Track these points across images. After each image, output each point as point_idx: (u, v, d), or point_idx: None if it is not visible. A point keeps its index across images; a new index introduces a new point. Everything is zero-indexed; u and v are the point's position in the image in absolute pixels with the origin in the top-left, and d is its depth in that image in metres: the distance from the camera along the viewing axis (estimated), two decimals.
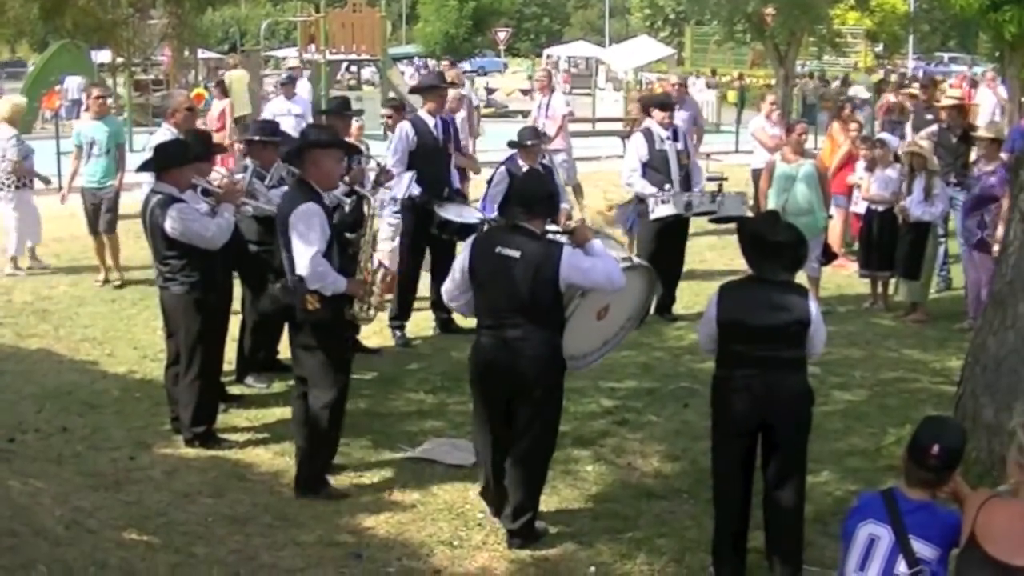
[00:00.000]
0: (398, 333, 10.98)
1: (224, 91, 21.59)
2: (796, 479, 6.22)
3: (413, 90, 12.63)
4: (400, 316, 11.03)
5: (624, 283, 6.58)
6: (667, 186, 11.47)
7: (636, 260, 7.32)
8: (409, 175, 10.70)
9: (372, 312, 8.04)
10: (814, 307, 6.20)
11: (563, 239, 6.72)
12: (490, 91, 45.20)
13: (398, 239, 11.36)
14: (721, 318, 6.23)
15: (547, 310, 6.43)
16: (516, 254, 6.39)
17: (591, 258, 6.49)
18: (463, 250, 6.77)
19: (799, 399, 6.17)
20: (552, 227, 6.85)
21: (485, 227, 9.77)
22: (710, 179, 11.69)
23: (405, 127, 10.95)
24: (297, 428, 7.54)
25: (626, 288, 6.76)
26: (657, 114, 11.87)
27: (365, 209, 8.31)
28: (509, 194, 6.97)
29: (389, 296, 10.68)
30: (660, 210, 11.48)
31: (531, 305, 6.38)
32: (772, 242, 6.19)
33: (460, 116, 16.31)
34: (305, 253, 7.06)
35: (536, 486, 6.73)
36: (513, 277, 6.37)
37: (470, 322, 7.32)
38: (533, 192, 6.72)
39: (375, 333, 11.09)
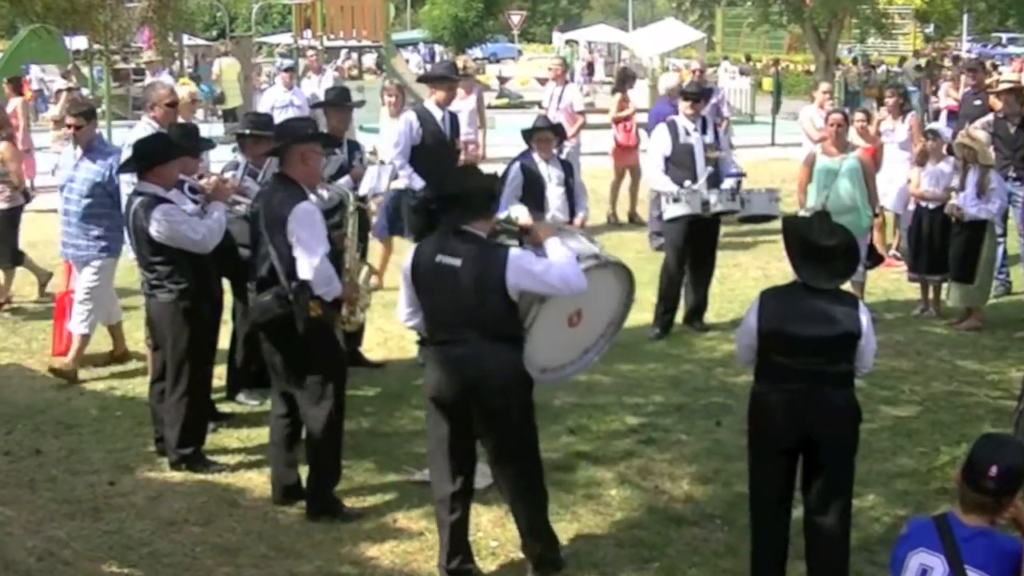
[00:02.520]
0: (422, 352, 10.91)
1: (17, 88, 19.97)
2: (840, 503, 6.21)
3: (422, 79, 12.67)
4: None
5: (583, 285, 6.42)
6: (687, 182, 11.42)
7: (605, 257, 7.13)
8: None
9: (361, 316, 8.13)
10: (865, 318, 6.18)
11: (513, 240, 6.64)
12: (503, 80, 45.18)
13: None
14: (762, 327, 6.21)
15: (499, 321, 6.33)
16: (456, 262, 6.31)
17: (543, 260, 6.39)
18: (404, 261, 6.67)
19: (845, 416, 6.16)
20: (514, 212, 6.76)
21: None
22: (728, 175, 11.62)
23: (410, 118, 10.99)
24: (276, 451, 7.66)
25: (597, 290, 6.70)
26: (682, 105, 11.87)
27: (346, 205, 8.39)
28: (440, 195, 6.78)
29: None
30: (672, 209, 11.47)
31: (480, 317, 6.29)
32: (822, 247, 6.16)
33: (468, 106, 16.34)
34: (311, 256, 7.12)
35: (536, 514, 6.65)
36: (457, 288, 6.29)
37: None
38: (468, 188, 6.58)
39: (378, 345, 11.12)
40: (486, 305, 6.27)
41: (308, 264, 7.14)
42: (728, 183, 11.49)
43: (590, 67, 47.40)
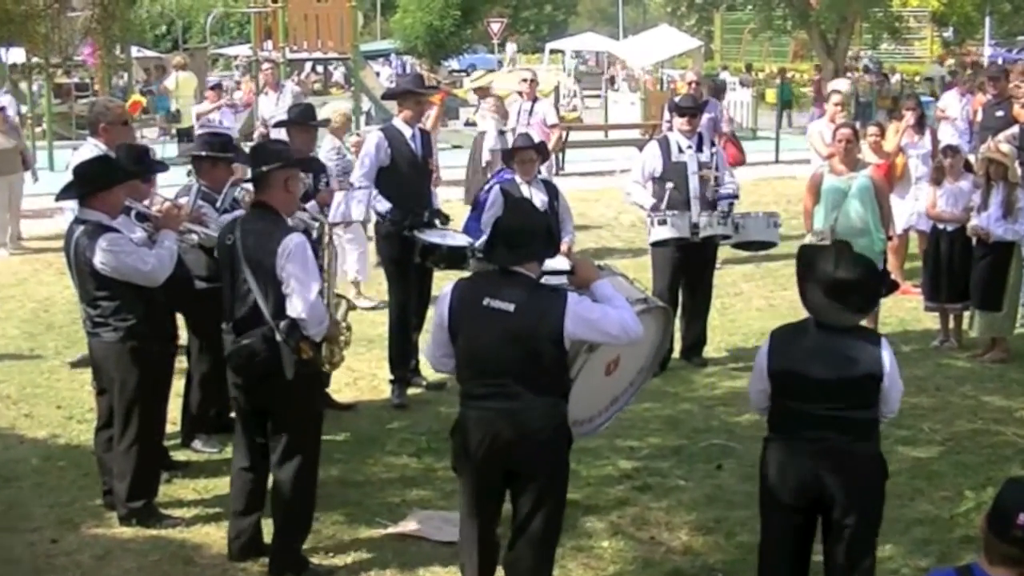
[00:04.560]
0: (396, 391, 11.00)
1: None
2: (863, 568, 6.19)
3: (387, 95, 12.68)
4: (396, 368, 11.02)
5: (641, 333, 6.51)
6: (662, 206, 11.45)
7: (652, 300, 7.29)
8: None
9: (342, 356, 8.12)
10: (888, 357, 6.18)
11: (562, 281, 6.68)
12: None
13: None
14: (773, 368, 6.22)
15: (550, 373, 6.36)
16: (509, 307, 6.31)
17: (600, 306, 6.43)
18: (440, 301, 6.65)
19: (868, 470, 6.16)
20: (552, 264, 6.79)
21: (472, 255, 9.78)
22: (720, 197, 11.65)
23: (377, 138, 10.98)
24: (237, 503, 7.62)
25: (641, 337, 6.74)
26: (677, 120, 11.92)
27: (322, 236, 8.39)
28: (494, 231, 6.72)
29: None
30: (658, 232, 11.51)
31: (530, 369, 6.30)
32: (842, 280, 6.15)
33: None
34: (305, 293, 7.11)
35: (544, 573, 6.68)
36: (506, 335, 6.29)
37: None
38: (523, 227, 6.55)
39: (347, 385, 11.10)
40: (538, 355, 6.28)
41: (302, 302, 7.10)
42: (720, 205, 11.54)
43: (611, 80, 47.45)
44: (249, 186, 8.38)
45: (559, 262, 7.07)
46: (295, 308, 7.11)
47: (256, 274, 7.19)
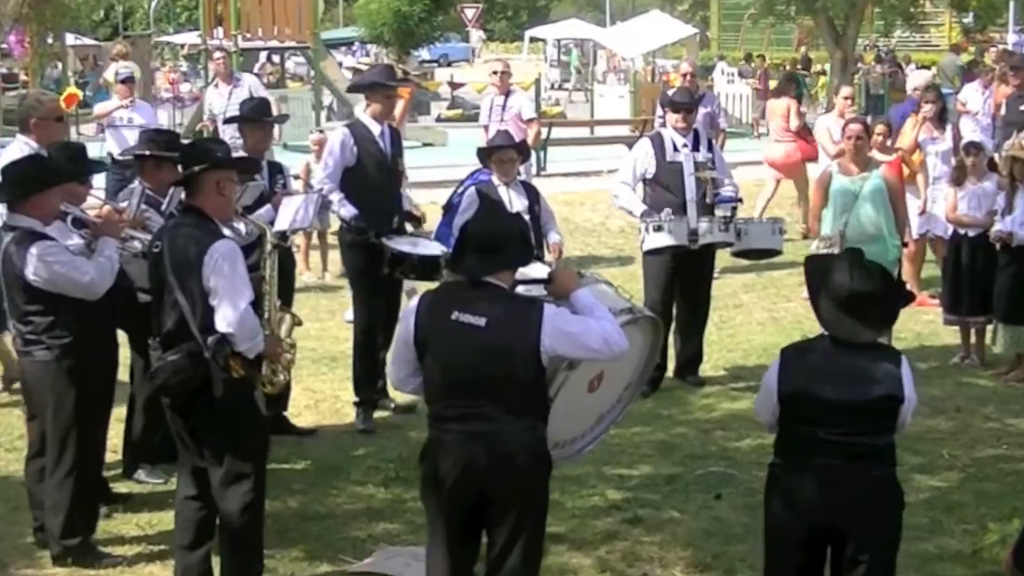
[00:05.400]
0: (361, 415, 10.99)
1: None
2: None
3: (353, 88, 12.65)
4: (361, 390, 11.01)
5: (625, 346, 6.51)
6: (667, 210, 11.44)
7: (638, 310, 7.28)
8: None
9: (284, 376, 8.09)
10: (908, 377, 6.21)
11: (538, 291, 6.67)
12: (455, 86, 45.36)
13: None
14: (784, 390, 6.23)
15: (527, 392, 6.36)
16: (480, 321, 6.31)
17: (580, 318, 6.43)
18: (405, 315, 6.66)
19: (886, 500, 6.17)
20: (528, 272, 6.78)
21: (446, 264, 9.77)
22: (721, 201, 11.64)
23: (342, 136, 10.96)
24: (184, 539, 7.57)
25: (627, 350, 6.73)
26: (670, 117, 11.93)
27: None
28: (462, 238, 6.69)
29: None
30: (653, 239, 11.47)
31: (505, 388, 6.30)
32: (859, 293, 6.15)
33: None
34: (233, 305, 7.08)
35: None
36: (478, 352, 6.29)
37: None
38: (495, 233, 6.57)
39: (307, 408, 11.09)
40: (513, 373, 6.29)
41: (229, 315, 7.09)
42: (721, 210, 11.53)
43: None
44: None
45: (535, 269, 7.06)
46: (223, 322, 7.09)
47: (182, 284, 7.17)
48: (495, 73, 17.63)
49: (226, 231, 7.45)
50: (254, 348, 7.23)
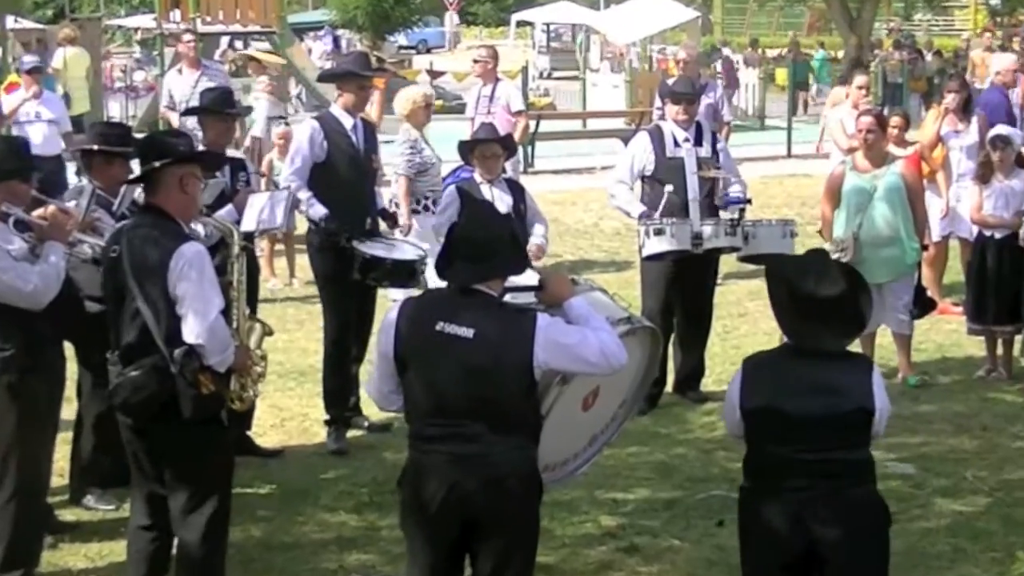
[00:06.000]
0: (332, 434, 10.96)
1: None
2: None
3: (324, 77, 12.64)
4: (332, 406, 10.98)
5: (624, 359, 6.52)
6: (656, 213, 11.41)
7: (636, 319, 7.30)
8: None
9: (254, 391, 8.01)
10: (879, 386, 6.24)
11: (529, 299, 6.67)
12: (435, 75, 45.35)
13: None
14: (747, 405, 6.27)
15: (517, 410, 6.37)
16: (468, 333, 6.31)
17: (576, 328, 6.44)
18: (384, 326, 6.64)
19: (866, 519, 6.19)
20: (517, 279, 6.77)
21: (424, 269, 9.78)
22: (728, 202, 11.61)
23: (310, 129, 10.95)
24: (137, 571, 7.54)
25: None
26: (670, 108, 11.92)
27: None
28: (449, 242, 6.68)
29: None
30: (653, 244, 11.39)
31: (494, 406, 6.31)
32: (821, 298, 6.18)
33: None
34: (202, 314, 7.01)
35: None
36: (465, 367, 6.29)
37: None
38: (486, 237, 6.54)
39: (273, 427, 11.07)
40: (503, 389, 6.29)
41: (198, 325, 7.01)
42: (727, 212, 11.51)
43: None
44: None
45: (526, 276, 7.05)
46: (191, 332, 7.02)
47: (145, 292, 7.09)
48: (477, 62, 17.60)
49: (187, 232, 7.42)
50: (225, 361, 7.17)
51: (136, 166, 8.39)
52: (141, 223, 7.40)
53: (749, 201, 11.88)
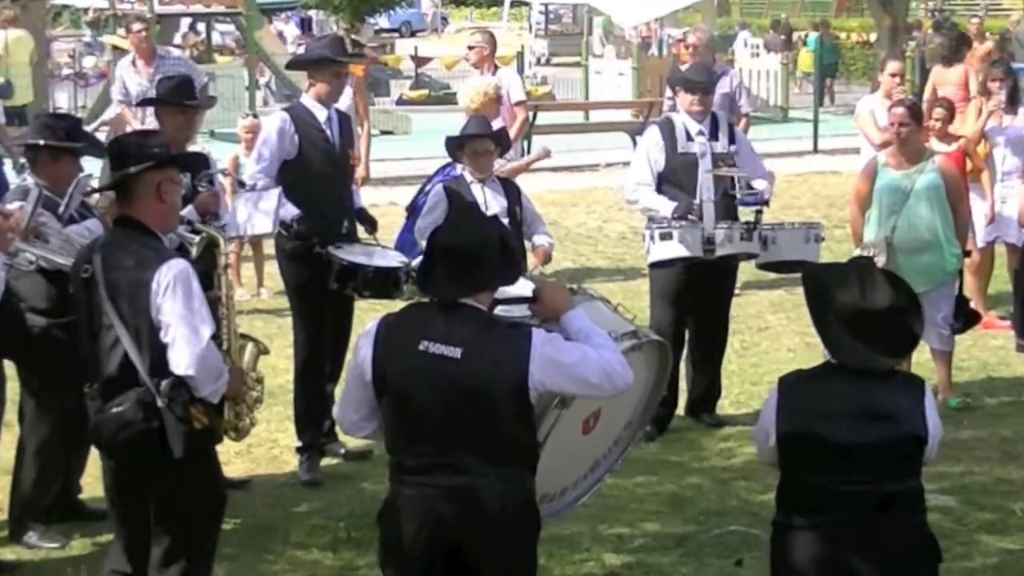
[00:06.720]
0: (304, 462, 10.95)
1: None
2: None
3: (294, 64, 12.62)
4: (305, 432, 10.98)
5: (630, 379, 6.50)
6: (669, 216, 11.36)
7: (643, 333, 7.28)
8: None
9: (251, 419, 7.95)
10: (932, 410, 6.23)
11: (522, 312, 6.66)
12: (420, 61, 45.44)
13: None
14: (784, 430, 6.24)
15: (511, 437, 6.35)
16: (455, 352, 6.29)
17: (576, 345, 6.42)
18: (359, 345, 6.60)
19: (915, 559, 6.19)
20: (508, 290, 6.76)
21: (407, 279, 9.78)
22: (743, 203, 11.53)
23: (279, 121, 10.93)
24: None
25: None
26: (683, 98, 11.88)
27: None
28: (431, 250, 6.64)
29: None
30: (659, 250, 11.32)
31: (485, 432, 6.29)
32: (872, 312, 6.16)
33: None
34: (192, 340, 6.93)
35: None
36: (452, 390, 6.27)
37: None
38: (472, 244, 6.49)
39: (238, 455, 11.06)
40: (495, 414, 6.27)
41: (189, 354, 6.93)
42: (743, 215, 11.48)
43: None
44: (96, 182, 8.26)
45: (518, 286, 7.02)
46: (180, 363, 6.93)
47: (124, 318, 7.00)
48: (472, 48, 17.55)
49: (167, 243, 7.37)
50: (219, 391, 7.13)
51: (92, 165, 8.40)
52: (116, 238, 7.28)
53: (767, 202, 11.77)
